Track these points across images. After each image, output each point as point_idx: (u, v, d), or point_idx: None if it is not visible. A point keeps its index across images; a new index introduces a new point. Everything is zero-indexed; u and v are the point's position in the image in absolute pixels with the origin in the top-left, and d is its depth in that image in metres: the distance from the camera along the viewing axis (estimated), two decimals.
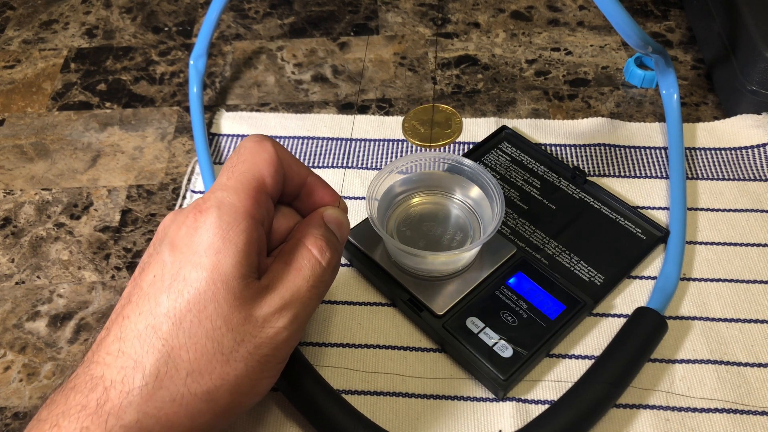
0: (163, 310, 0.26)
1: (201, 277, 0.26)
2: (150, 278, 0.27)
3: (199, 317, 0.26)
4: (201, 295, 0.26)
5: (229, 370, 0.26)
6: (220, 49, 0.56)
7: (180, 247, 0.27)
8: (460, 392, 0.35)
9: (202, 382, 0.26)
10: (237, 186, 0.28)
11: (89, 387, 0.25)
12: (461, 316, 0.36)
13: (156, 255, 0.27)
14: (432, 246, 0.38)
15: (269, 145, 0.29)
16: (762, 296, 0.38)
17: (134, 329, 0.26)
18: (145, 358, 0.25)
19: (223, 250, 0.26)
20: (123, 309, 0.27)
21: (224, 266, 0.26)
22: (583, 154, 0.46)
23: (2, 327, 0.39)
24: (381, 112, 0.50)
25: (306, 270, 0.28)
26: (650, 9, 0.58)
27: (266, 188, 0.29)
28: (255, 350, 0.27)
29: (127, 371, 0.25)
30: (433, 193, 0.41)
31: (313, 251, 0.29)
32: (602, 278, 0.38)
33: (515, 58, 0.54)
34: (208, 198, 0.27)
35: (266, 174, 0.29)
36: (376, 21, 0.58)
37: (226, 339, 0.26)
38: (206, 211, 0.27)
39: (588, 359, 0.36)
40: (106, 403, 0.25)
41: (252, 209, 0.27)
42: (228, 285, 0.26)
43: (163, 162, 0.47)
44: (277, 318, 0.27)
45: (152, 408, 0.25)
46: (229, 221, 0.27)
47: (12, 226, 0.44)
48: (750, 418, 0.33)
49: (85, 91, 0.53)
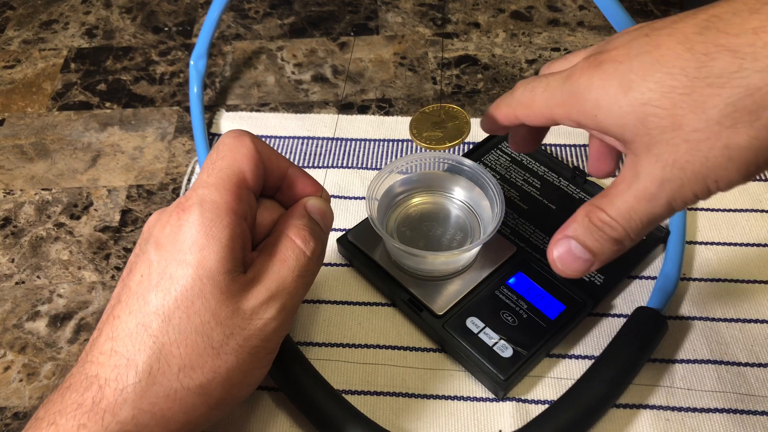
0: (151, 308, 0.26)
1: (187, 274, 0.26)
2: (137, 278, 0.27)
3: (187, 313, 0.26)
4: (188, 292, 0.26)
5: (221, 363, 0.27)
6: (220, 49, 0.56)
7: (165, 245, 0.27)
8: (460, 392, 0.35)
9: (195, 377, 0.26)
10: (218, 183, 0.28)
11: (84, 386, 0.26)
12: (461, 316, 0.36)
13: (142, 255, 0.28)
14: (432, 246, 0.38)
15: (248, 140, 0.29)
16: (762, 296, 0.38)
17: (125, 328, 0.26)
18: (137, 355, 0.26)
19: (207, 246, 0.27)
20: (113, 309, 0.27)
21: (209, 262, 0.26)
22: (583, 154, 0.46)
23: (2, 327, 0.39)
24: (381, 112, 0.50)
25: (291, 261, 0.29)
26: (650, 9, 0.58)
27: (247, 183, 0.29)
28: (245, 342, 0.27)
29: (120, 369, 0.26)
30: (433, 193, 0.41)
31: (297, 241, 0.29)
32: (602, 278, 0.38)
33: (515, 58, 0.54)
34: (190, 196, 0.28)
35: (246, 169, 0.29)
36: (376, 21, 0.58)
37: (215, 333, 0.26)
38: (189, 209, 0.27)
39: (588, 359, 0.36)
40: (102, 401, 0.25)
41: (234, 205, 0.28)
42: (214, 280, 0.26)
43: (163, 162, 0.47)
44: (265, 309, 0.28)
45: (147, 404, 0.25)
46: (212, 218, 0.27)
47: (12, 226, 0.44)
48: (750, 418, 0.33)
49: (85, 91, 0.53)
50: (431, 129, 0.35)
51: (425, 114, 0.36)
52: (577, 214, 0.27)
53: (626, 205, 0.25)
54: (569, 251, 0.27)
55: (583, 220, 0.26)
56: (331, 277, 0.40)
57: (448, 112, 0.35)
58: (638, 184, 0.24)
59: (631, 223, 0.25)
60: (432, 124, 0.35)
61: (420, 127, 0.35)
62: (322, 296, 0.39)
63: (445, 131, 0.35)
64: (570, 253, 0.27)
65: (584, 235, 0.26)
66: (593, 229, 0.26)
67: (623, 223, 0.25)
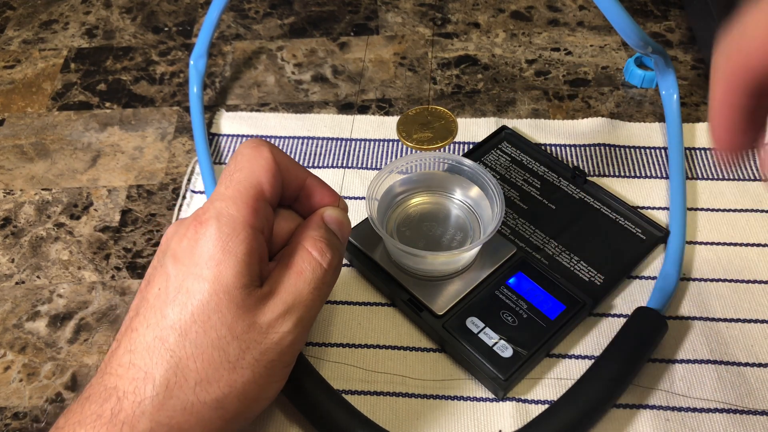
0: (169, 322, 0.26)
1: (203, 288, 0.26)
2: (155, 291, 0.27)
3: (204, 328, 0.26)
4: (204, 306, 0.26)
5: (237, 378, 0.27)
6: (220, 49, 0.56)
7: (182, 259, 0.27)
8: (460, 392, 0.35)
9: (211, 391, 0.26)
10: (235, 195, 0.28)
11: (103, 397, 0.26)
12: (461, 316, 0.36)
13: (160, 268, 0.28)
14: (432, 246, 0.38)
15: (266, 151, 0.29)
16: (762, 296, 0.38)
17: (143, 341, 0.27)
18: (154, 369, 0.26)
19: (224, 261, 0.27)
20: (131, 322, 0.28)
21: (226, 277, 0.27)
22: (583, 154, 0.46)
23: (2, 327, 0.39)
24: (381, 112, 0.50)
25: (307, 273, 0.29)
26: (650, 9, 0.58)
27: (264, 195, 0.29)
28: (261, 356, 0.27)
29: (138, 382, 0.26)
30: (433, 193, 0.41)
31: (314, 253, 0.29)
32: (602, 278, 0.38)
33: (515, 58, 0.54)
34: (207, 209, 0.28)
35: (264, 181, 0.29)
36: (376, 21, 0.58)
37: (231, 347, 0.27)
38: (206, 223, 0.27)
39: (588, 359, 0.36)
40: (120, 413, 0.25)
41: (251, 218, 0.28)
42: (230, 295, 0.27)
43: (163, 162, 0.47)
44: (281, 323, 0.28)
45: (164, 417, 0.26)
46: (229, 232, 0.27)
47: (12, 226, 0.44)
48: (750, 418, 0.33)
49: (85, 91, 0.53)
50: (420, 130, 0.35)
51: (410, 116, 0.36)
52: None
53: None
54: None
55: None
56: None
57: (433, 113, 0.35)
58: None
59: None
60: (420, 126, 0.35)
61: (408, 129, 0.35)
62: None
63: (434, 131, 0.35)
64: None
65: None
66: None
67: None
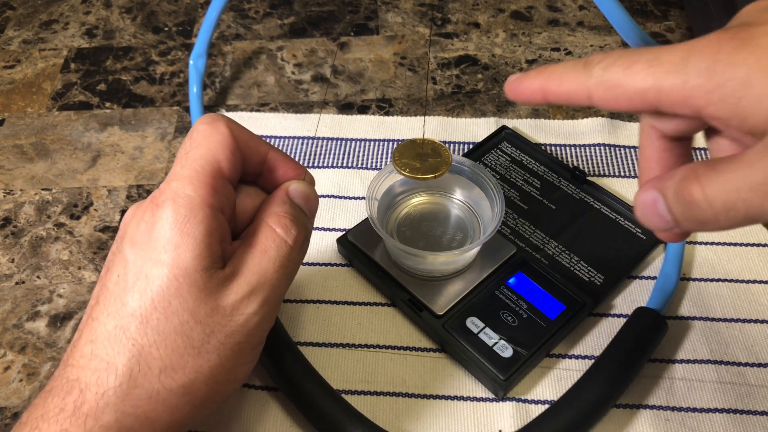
0: (129, 310, 0.26)
1: (162, 273, 0.26)
2: (114, 278, 0.27)
3: (165, 314, 0.26)
4: (164, 292, 0.26)
5: (203, 363, 0.26)
6: (220, 49, 0.56)
7: (140, 244, 0.26)
8: (460, 392, 0.35)
9: (177, 378, 0.26)
10: (191, 174, 0.27)
11: (66, 390, 0.25)
12: (461, 316, 0.36)
13: (119, 253, 0.27)
14: (432, 246, 0.38)
15: (222, 126, 0.28)
16: (762, 296, 0.38)
17: (104, 331, 0.26)
18: (116, 358, 0.25)
19: (182, 244, 0.26)
20: (92, 311, 0.27)
21: (185, 260, 0.26)
22: (583, 154, 0.46)
23: (2, 327, 0.39)
24: (381, 112, 0.50)
25: (271, 251, 0.28)
26: (650, 9, 0.58)
27: (223, 173, 0.27)
28: (226, 340, 0.27)
29: (100, 373, 0.25)
30: (433, 193, 0.41)
31: (278, 230, 0.28)
32: (602, 278, 0.38)
33: (515, 58, 0.54)
34: (163, 190, 0.27)
35: (222, 158, 0.27)
36: (376, 21, 0.58)
37: (195, 332, 0.26)
38: (162, 205, 0.26)
39: (588, 359, 0.36)
40: (83, 405, 0.25)
41: (209, 198, 0.26)
42: (190, 279, 0.26)
43: (163, 162, 0.47)
44: (246, 304, 0.27)
45: (129, 407, 0.25)
46: (186, 214, 0.26)
47: (12, 226, 0.44)
48: (750, 418, 0.33)
49: (85, 91, 0.53)
50: (413, 158, 0.36)
51: (413, 143, 0.37)
52: (679, 170, 0.22)
53: (733, 188, 0.20)
54: (653, 204, 0.23)
55: (678, 185, 0.22)
56: (331, 277, 0.40)
57: (434, 149, 0.37)
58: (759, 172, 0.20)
59: (729, 213, 0.21)
60: (416, 155, 0.36)
61: (403, 153, 0.37)
62: (322, 296, 0.39)
63: (423, 164, 0.36)
64: (653, 206, 0.23)
65: (672, 199, 0.22)
66: (682, 200, 0.22)
67: (718, 208, 0.21)
